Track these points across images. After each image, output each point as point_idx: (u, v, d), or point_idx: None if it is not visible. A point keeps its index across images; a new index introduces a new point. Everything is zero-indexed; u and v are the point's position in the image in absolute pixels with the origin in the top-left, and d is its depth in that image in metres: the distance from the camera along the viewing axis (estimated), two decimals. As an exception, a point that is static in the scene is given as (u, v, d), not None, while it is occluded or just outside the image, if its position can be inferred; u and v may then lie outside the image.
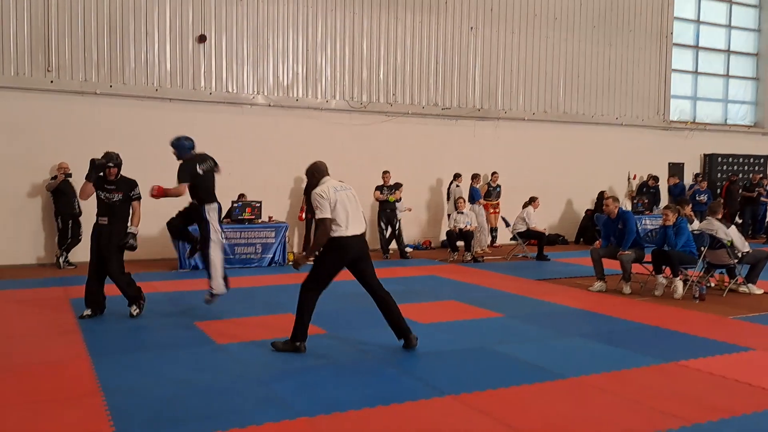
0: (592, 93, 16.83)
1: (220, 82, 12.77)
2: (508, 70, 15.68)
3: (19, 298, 8.27)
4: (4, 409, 4.34)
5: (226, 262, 11.09)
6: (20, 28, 11.21)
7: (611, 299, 8.57)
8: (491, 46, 15.43)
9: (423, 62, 14.72)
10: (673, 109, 18.13)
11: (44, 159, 11.34)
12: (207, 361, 5.54)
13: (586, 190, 16.54)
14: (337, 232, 5.70)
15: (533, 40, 15.92)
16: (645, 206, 15.49)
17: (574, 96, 16.58)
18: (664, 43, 17.71)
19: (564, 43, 16.31)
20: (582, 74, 16.63)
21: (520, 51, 15.78)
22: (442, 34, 14.87)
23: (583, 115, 16.70)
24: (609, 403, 4.56)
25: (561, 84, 16.38)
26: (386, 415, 4.26)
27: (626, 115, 17.28)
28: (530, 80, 15.97)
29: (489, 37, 15.38)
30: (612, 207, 9.30)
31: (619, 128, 17.14)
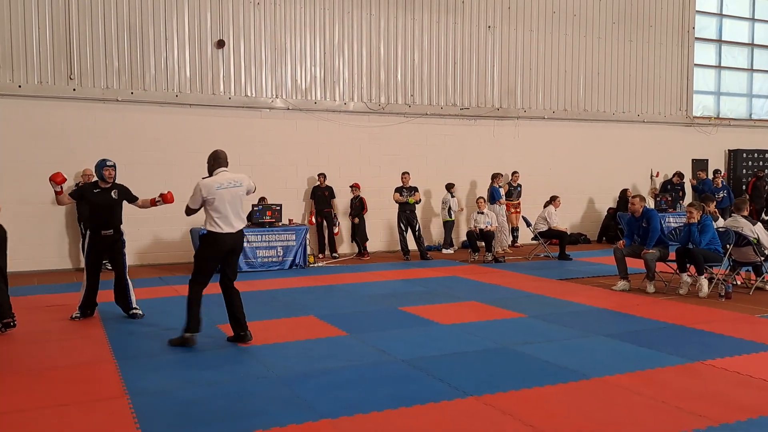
0: (612, 90, 16.68)
1: (239, 87, 12.86)
2: (527, 69, 15.60)
3: (45, 303, 8.39)
4: (32, 411, 4.40)
5: (248, 266, 11.27)
6: (42, 38, 11.38)
7: (635, 298, 8.48)
8: (509, 45, 15.36)
9: (441, 62, 14.70)
10: (696, 105, 17.89)
11: (68, 166, 11.45)
12: (230, 363, 5.57)
13: (608, 188, 16.40)
14: (212, 228, 6.08)
15: (552, 38, 15.82)
16: (668, 204, 15.31)
17: (594, 94, 16.45)
18: (686, 37, 17.50)
19: (583, 40, 16.19)
20: (602, 71, 16.49)
21: (539, 49, 15.70)
22: (459, 34, 14.83)
23: (604, 112, 16.56)
24: (634, 403, 4.51)
25: (581, 82, 16.25)
26: (409, 416, 4.25)
27: (648, 112, 17.10)
28: (549, 78, 15.87)
29: (507, 36, 15.32)
30: (638, 206, 9.19)
31: (640, 125, 16.97)
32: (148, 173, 11.78)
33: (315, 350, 5.96)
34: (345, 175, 13.53)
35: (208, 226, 6.14)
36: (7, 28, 11.13)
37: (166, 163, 12.17)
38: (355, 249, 13.72)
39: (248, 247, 11.31)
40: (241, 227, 6.29)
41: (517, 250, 14.15)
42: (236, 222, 6.20)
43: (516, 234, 14.94)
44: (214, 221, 6.09)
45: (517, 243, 14.84)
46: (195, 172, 12.36)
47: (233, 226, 6.16)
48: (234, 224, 6.17)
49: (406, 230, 12.94)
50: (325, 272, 11.27)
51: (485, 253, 12.46)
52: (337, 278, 10.50)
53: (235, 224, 6.19)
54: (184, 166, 12.31)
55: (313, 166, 13.33)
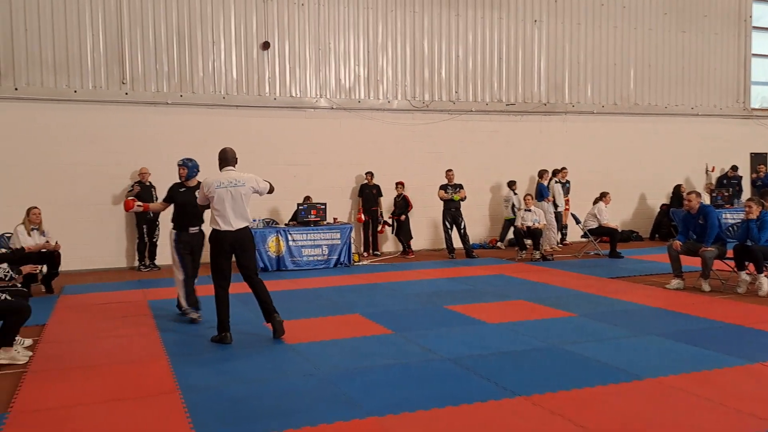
0: (664, 83, 16.26)
1: (284, 87, 12.98)
2: (575, 63, 15.33)
3: (102, 300, 8.62)
4: (89, 406, 4.52)
5: (294, 264, 11.37)
6: (96, 45, 11.70)
7: (690, 297, 8.24)
8: (557, 39, 15.12)
9: (486, 58, 14.56)
10: (754, 97, 17.27)
11: (122, 167, 11.80)
12: (278, 360, 5.62)
13: (660, 184, 16.00)
14: (213, 225, 6.33)
15: (601, 31, 15.51)
16: (725, 199, 14.83)
17: (645, 87, 16.06)
18: (743, 26, 16.92)
19: (633, 32, 15.82)
20: (654, 64, 16.09)
21: (587, 42, 15.41)
22: (504, 29, 14.67)
23: (656, 106, 16.16)
24: (689, 404, 4.37)
25: (631, 75, 15.90)
26: (455, 415, 4.21)
27: (702, 105, 16.61)
28: (599, 72, 15.56)
29: (554, 30, 15.08)
30: (695, 202, 8.91)
31: (695, 119, 16.49)
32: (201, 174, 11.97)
33: (361, 348, 5.96)
34: (389, 173, 13.53)
35: (211, 223, 6.40)
36: (63, 36, 11.47)
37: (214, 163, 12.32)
38: (398, 247, 13.70)
39: (294, 245, 11.42)
40: (242, 225, 6.35)
41: (565, 248, 13.92)
42: (236, 221, 6.31)
43: (564, 232, 14.69)
44: (213, 219, 6.35)
45: (565, 241, 14.59)
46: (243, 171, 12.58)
47: (232, 225, 6.27)
48: (233, 223, 6.29)
49: (451, 228, 12.86)
50: (370, 270, 11.29)
51: (533, 251, 12.29)
52: (382, 276, 10.50)
53: (234, 223, 6.29)
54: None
55: (357, 165, 13.36)
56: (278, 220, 12.53)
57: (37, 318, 6.54)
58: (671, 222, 14.74)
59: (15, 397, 4.72)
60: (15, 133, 11.18)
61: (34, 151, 11.38)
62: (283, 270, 11.27)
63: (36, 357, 5.78)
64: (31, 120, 11.33)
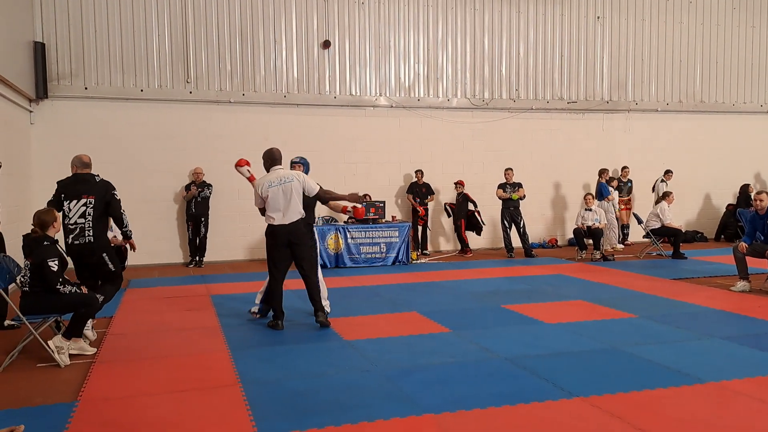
0: (732, 79, 15.73)
1: (344, 86, 13.13)
2: (639, 59, 14.99)
3: (167, 294, 8.93)
4: (155, 396, 4.71)
5: (353, 262, 11.50)
6: (162, 45, 12.09)
7: (756, 300, 7.98)
8: (620, 35, 14.81)
9: (547, 55, 14.38)
10: (827, 93, 16.55)
11: (186, 165, 12.17)
12: (336, 356, 5.72)
13: (726, 183, 15.51)
14: (268, 221, 6.69)
15: (666, 27, 15.12)
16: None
17: (712, 83, 15.57)
18: (817, 20, 16.23)
19: (700, 27, 15.37)
20: (721, 60, 15.59)
21: (652, 38, 15.04)
22: (567, 25, 14.46)
23: (723, 103, 15.66)
24: (754, 410, 4.26)
25: (698, 71, 15.44)
26: (512, 414, 4.22)
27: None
28: (663, 69, 15.18)
29: (618, 26, 14.78)
30: (766, 202, 8.62)
31: (763, 116, 15.92)
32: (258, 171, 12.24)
33: (418, 346, 6.01)
34: (448, 171, 13.54)
35: (266, 219, 6.74)
36: (131, 37, 11.90)
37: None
38: (455, 245, 13.69)
39: (352, 243, 11.55)
40: (296, 219, 6.71)
41: (627, 249, 13.64)
42: (290, 214, 6.67)
43: (626, 232, 14.40)
44: (269, 215, 6.69)
45: (627, 241, 14.30)
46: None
47: (285, 219, 6.65)
48: (287, 216, 6.65)
49: (510, 227, 12.78)
50: (428, 269, 11.33)
51: (593, 251, 12.10)
52: (439, 275, 10.52)
53: (287, 217, 6.66)
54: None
55: (416, 164, 13.41)
56: (337, 217, 12.70)
57: (105, 310, 6.80)
58: (738, 222, 14.27)
59: (84, 386, 4.93)
60: (85, 131, 11.65)
61: (103, 149, 11.81)
62: (342, 267, 11.43)
63: (104, 348, 6.04)
64: (99, 118, 11.80)
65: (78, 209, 6.15)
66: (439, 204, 13.76)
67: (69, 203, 6.18)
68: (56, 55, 11.54)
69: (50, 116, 11.57)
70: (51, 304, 5.57)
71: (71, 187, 6.25)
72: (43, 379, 5.13)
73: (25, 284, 5.55)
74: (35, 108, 11.44)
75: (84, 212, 6.14)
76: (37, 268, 5.47)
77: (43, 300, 5.54)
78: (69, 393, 4.78)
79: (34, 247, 5.57)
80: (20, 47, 10.39)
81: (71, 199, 6.19)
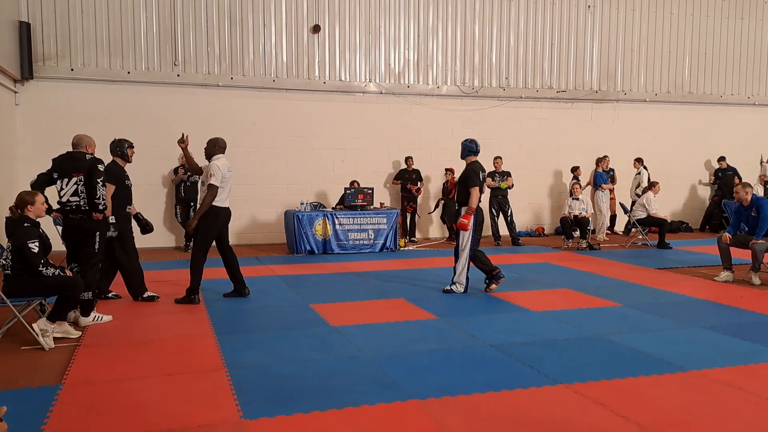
0: (720, 71, 15.81)
1: (333, 71, 13.07)
2: (628, 49, 15.02)
3: (153, 278, 8.86)
4: (140, 380, 4.71)
5: (340, 248, 11.50)
6: (149, 27, 11.97)
7: (739, 290, 8.07)
8: (610, 25, 14.83)
9: (537, 44, 14.38)
10: (814, 86, 16.69)
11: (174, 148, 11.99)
12: (322, 342, 5.73)
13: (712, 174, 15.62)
14: (216, 203, 7.13)
15: (656, 17, 15.15)
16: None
17: (700, 75, 15.65)
18: (804, 14, 16.33)
19: (690, 18, 15.41)
20: (710, 51, 15.66)
21: (641, 28, 15.07)
22: (557, 14, 14.45)
23: (711, 95, 15.74)
24: (734, 398, 4.32)
25: (686, 62, 15.50)
26: (497, 401, 4.25)
27: (759, 94, 16.12)
28: (652, 59, 15.22)
29: (608, 15, 14.79)
30: (743, 194, 8.71)
31: (750, 108, 16.02)
32: (246, 155, 12.23)
33: (404, 332, 6.03)
34: (437, 159, 13.54)
35: (215, 201, 7.13)
36: (117, 18, 11.77)
37: (264, 146, 12.58)
38: (443, 233, 13.73)
39: (340, 229, 11.54)
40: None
41: (613, 238, 13.74)
42: (228, 200, 7.37)
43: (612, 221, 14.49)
44: (219, 198, 7.16)
45: (613, 230, 14.39)
46: (291, 155, 12.80)
47: (227, 203, 7.32)
48: (227, 201, 7.35)
49: (498, 215, 12.82)
50: (415, 256, 11.35)
51: (579, 240, 12.17)
52: (427, 262, 10.55)
53: (228, 201, 7.36)
54: (280, 149, 12.72)
55: (405, 150, 13.40)
56: (325, 203, 12.68)
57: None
58: (723, 213, 14.39)
59: (68, 369, 4.91)
60: (71, 112, 11.53)
61: (87, 131, 11.41)
62: (329, 253, 11.42)
63: (88, 332, 6.01)
64: (85, 100, 11.68)
65: (71, 188, 6.16)
66: (427, 191, 13.78)
67: (62, 182, 6.21)
68: (42, 36, 11.40)
69: (35, 97, 11.44)
70: (34, 287, 5.53)
71: (64, 165, 6.26)
72: (28, 362, 5.10)
73: (8, 267, 5.50)
74: (20, 89, 11.31)
75: (76, 190, 6.15)
76: (18, 250, 5.42)
77: (26, 283, 5.49)
78: (53, 376, 4.77)
79: (14, 229, 5.52)
80: (5, 27, 10.25)
81: (63, 178, 6.21)
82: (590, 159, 13.99)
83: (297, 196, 12.58)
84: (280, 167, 12.71)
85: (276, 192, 12.69)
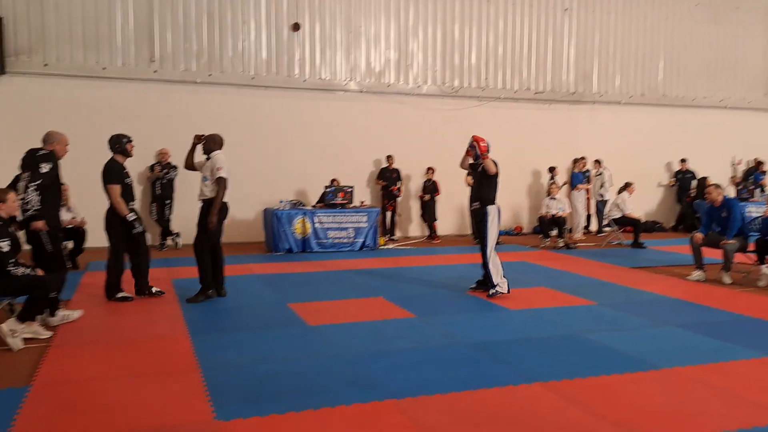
0: (693, 74, 16.04)
1: (313, 69, 13.03)
2: (604, 52, 15.18)
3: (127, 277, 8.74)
4: (112, 380, 4.65)
5: (320, 246, 11.46)
6: (126, 22, 11.84)
7: (711, 289, 8.20)
8: (587, 28, 14.97)
9: (515, 45, 14.47)
10: (784, 90, 16.99)
11: (149, 145, 11.94)
12: (299, 341, 5.71)
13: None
14: (223, 198, 7.13)
15: (631, 20, 15.32)
16: (750, 193, 14.63)
17: (674, 78, 15.86)
18: (776, 19, 16.62)
19: (664, 22, 15.61)
20: (683, 55, 15.88)
21: (617, 32, 15.23)
22: (535, 16, 14.55)
23: (684, 97, 15.96)
24: (706, 395, 4.39)
25: (660, 65, 15.70)
26: (473, 399, 4.27)
27: (731, 98, 16.37)
28: (627, 62, 15.40)
29: (584, 18, 14.93)
30: (714, 195, 8.85)
31: (723, 111, 16.27)
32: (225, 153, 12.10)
33: (383, 331, 6.03)
34: (417, 158, 13.56)
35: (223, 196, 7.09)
36: (93, 12, 11.62)
37: (243, 143, 12.48)
38: (423, 231, 13.76)
39: (320, 227, 11.52)
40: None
41: (589, 237, 13.87)
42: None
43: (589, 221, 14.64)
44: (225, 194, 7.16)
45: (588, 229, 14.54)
46: (270, 152, 12.73)
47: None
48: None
49: (476, 214, 12.86)
50: (395, 254, 11.36)
51: (557, 239, 12.27)
52: (406, 260, 10.57)
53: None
54: (260, 147, 12.65)
55: (385, 149, 13.40)
56: (305, 201, 12.64)
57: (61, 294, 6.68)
58: (695, 214, 14.59)
59: (38, 370, 4.83)
60: (43, 108, 11.37)
61: (61, 127, 11.24)
62: (309, 252, 11.39)
63: (59, 332, 5.91)
64: (59, 96, 11.52)
65: (23, 184, 6.02)
66: (408, 190, 13.79)
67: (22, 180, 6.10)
68: (14, 30, 11.22)
69: (7, 92, 11.26)
70: (3, 287, 5.44)
71: (23, 163, 6.15)
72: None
73: (-24, 266, 5.40)
74: (-7, 84, 11.13)
75: (25, 186, 5.98)
76: (-14, 248, 5.33)
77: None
78: (22, 377, 4.68)
79: None
80: (-22, 20, 10.07)
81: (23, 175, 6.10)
82: (567, 159, 14.12)
83: (276, 194, 12.52)
84: (259, 165, 12.64)
85: (255, 190, 12.61)
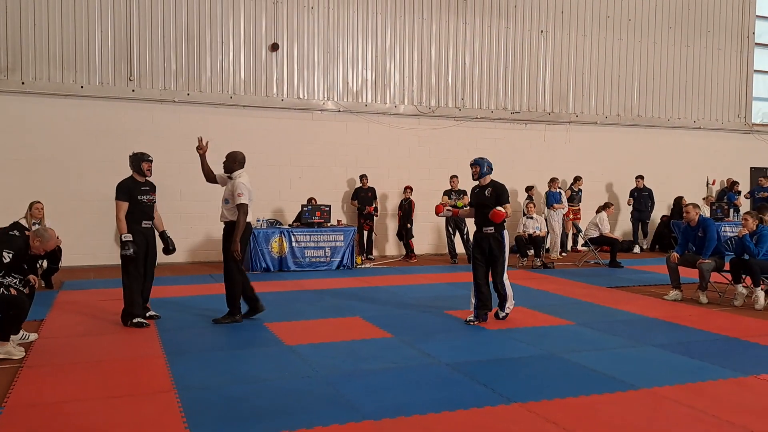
0: (668, 96, 16.33)
1: (291, 89, 13.06)
2: (580, 73, 15.41)
3: (102, 297, 8.67)
4: (86, 402, 4.56)
5: (297, 265, 11.40)
6: (104, 41, 11.79)
7: (687, 309, 8.28)
8: (562, 49, 15.20)
9: (492, 66, 14.64)
10: (755, 112, 17.36)
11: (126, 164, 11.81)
12: (276, 361, 5.66)
13: (661, 195, 16.02)
14: (247, 219, 7.13)
15: (606, 43, 15.59)
16: (725, 212, 14.86)
17: (648, 99, 16.13)
18: (746, 42, 17.02)
19: (638, 44, 15.90)
20: (657, 76, 16.17)
21: (592, 54, 15.48)
22: (511, 38, 14.75)
23: (659, 118, 16.23)
24: (683, 415, 4.41)
25: (635, 87, 15.97)
26: (451, 420, 4.25)
27: (705, 119, 16.68)
28: (603, 83, 15.64)
29: (560, 40, 15.16)
30: (693, 214, 8.96)
31: (696, 132, 16.56)
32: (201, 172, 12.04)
33: (360, 351, 6.00)
34: (394, 177, 13.61)
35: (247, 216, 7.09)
36: (71, 31, 11.56)
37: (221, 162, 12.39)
38: (400, 251, 13.76)
39: (297, 246, 11.47)
40: None
41: (566, 257, 13.96)
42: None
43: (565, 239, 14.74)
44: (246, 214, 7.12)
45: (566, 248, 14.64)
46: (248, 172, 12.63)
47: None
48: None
49: (454, 233, 12.92)
50: (372, 273, 11.34)
51: (534, 259, 12.34)
52: (383, 280, 10.55)
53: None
54: (236, 167, 12.55)
55: (362, 168, 13.42)
56: (282, 220, 12.59)
57: (35, 313, 6.57)
58: (671, 233, 14.77)
59: (10, 392, 4.73)
60: (20, 127, 11.26)
61: (39, 146, 11.45)
62: (286, 270, 11.33)
63: (32, 352, 5.81)
64: (36, 114, 11.42)
65: None
66: (385, 210, 13.82)
67: None
68: (-9, 48, 11.11)
69: (-17, 110, 11.12)
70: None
71: None
72: (-32, 385, 4.91)
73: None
74: (-33, 101, 10.99)
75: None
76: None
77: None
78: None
79: None
80: (-48, 37, 9.97)
81: None
82: (544, 179, 14.24)
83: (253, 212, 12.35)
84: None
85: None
